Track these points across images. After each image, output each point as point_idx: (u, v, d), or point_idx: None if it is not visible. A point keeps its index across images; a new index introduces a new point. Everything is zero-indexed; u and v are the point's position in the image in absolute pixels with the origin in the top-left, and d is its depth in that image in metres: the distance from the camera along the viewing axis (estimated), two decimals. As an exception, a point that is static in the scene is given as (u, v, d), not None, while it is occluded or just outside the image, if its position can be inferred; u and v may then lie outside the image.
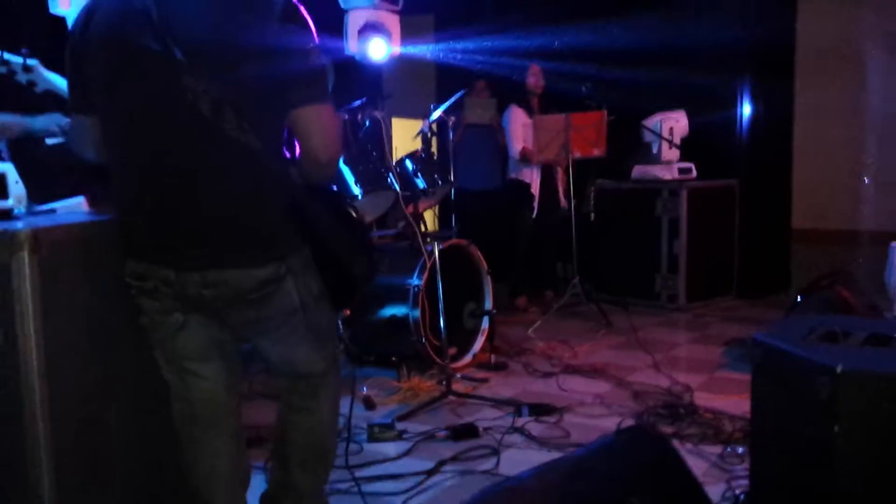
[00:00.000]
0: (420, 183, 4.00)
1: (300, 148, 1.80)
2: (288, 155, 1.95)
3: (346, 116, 3.96)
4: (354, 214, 2.03)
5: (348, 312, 3.83)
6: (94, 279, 1.85)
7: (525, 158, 5.46)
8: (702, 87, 5.61)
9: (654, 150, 5.70)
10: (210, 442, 1.92)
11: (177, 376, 1.89)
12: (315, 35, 1.75)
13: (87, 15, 1.75)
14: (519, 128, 5.47)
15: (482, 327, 4.27)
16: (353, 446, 2.96)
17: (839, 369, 1.59)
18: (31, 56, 2.18)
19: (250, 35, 1.65)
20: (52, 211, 2.17)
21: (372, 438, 3.08)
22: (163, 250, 1.74)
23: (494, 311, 4.26)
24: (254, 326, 1.84)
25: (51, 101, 2.26)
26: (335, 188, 2.91)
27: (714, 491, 2.58)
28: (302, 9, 1.74)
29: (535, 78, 5.55)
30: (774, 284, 5.91)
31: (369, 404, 3.51)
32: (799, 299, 4.14)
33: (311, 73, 1.74)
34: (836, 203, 6.10)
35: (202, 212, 1.71)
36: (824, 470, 1.64)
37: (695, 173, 5.73)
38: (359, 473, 2.70)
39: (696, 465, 2.79)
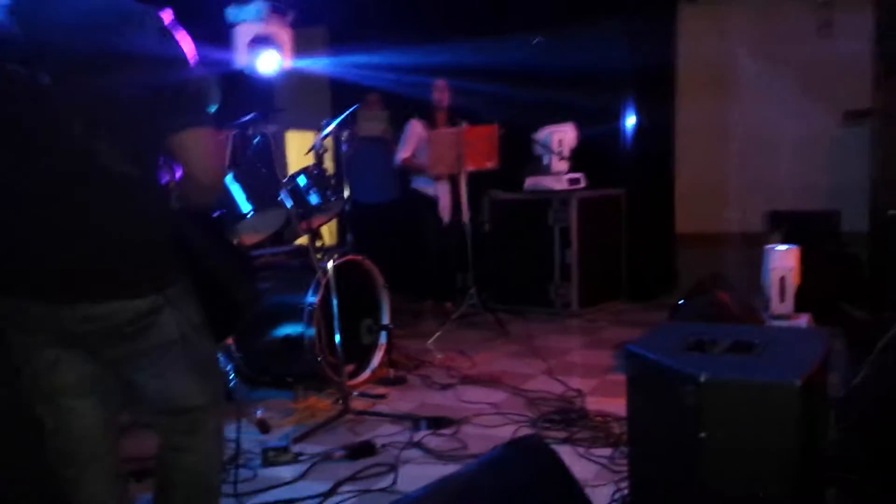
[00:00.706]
0: (313, 198, 3.97)
1: (182, 173, 1.77)
2: (166, 180, 1.91)
3: (235, 132, 3.89)
4: (236, 241, 2.00)
5: (231, 341, 3.74)
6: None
7: (405, 169, 5.57)
8: (589, 102, 5.83)
9: (545, 162, 5.88)
10: (88, 482, 1.84)
11: (50, 413, 1.81)
12: (191, 54, 1.72)
13: None
14: (411, 139, 5.56)
15: (380, 342, 4.26)
16: (245, 472, 2.91)
17: (703, 378, 1.69)
18: None
19: (121, 51, 1.61)
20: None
21: (266, 463, 3.02)
22: (33, 283, 1.67)
23: (392, 325, 4.27)
24: (130, 361, 1.78)
25: None
26: (217, 213, 2.85)
27: (604, 492, 2.68)
28: (174, 29, 1.71)
29: (439, 93, 5.62)
30: (661, 287, 6.18)
31: (264, 427, 3.44)
32: (681, 303, 4.36)
33: (189, 95, 1.71)
34: (717, 208, 6.44)
35: (74, 243, 1.66)
36: (693, 474, 1.73)
37: (584, 183, 5.93)
38: (251, 501, 2.65)
39: (587, 469, 2.90)
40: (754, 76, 6.29)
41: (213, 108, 3.37)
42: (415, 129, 5.58)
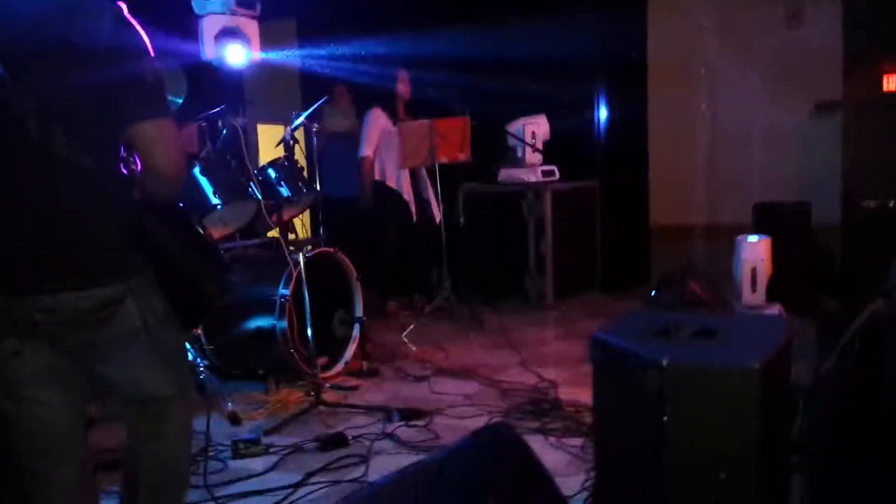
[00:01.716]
0: (283, 191, 3.95)
1: (142, 165, 1.75)
2: (126, 172, 1.89)
3: (203, 124, 3.86)
4: (202, 231, 1.98)
5: (201, 333, 3.71)
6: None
7: (364, 169, 5.42)
8: (561, 93, 5.85)
9: (519, 154, 5.88)
10: (56, 473, 1.80)
11: (14, 405, 1.77)
12: (148, 44, 1.71)
13: None
14: (375, 131, 5.40)
15: (353, 335, 4.24)
16: (216, 464, 2.90)
17: (665, 363, 1.70)
18: None
19: (77, 43, 1.59)
20: None
21: (237, 455, 3.01)
22: None
23: (364, 317, 4.25)
24: (94, 351, 1.76)
25: None
26: (182, 204, 2.80)
27: (575, 481, 2.70)
28: (130, 17, 1.69)
29: (403, 84, 5.56)
30: (635, 279, 6.21)
31: (235, 420, 3.42)
32: (653, 294, 4.39)
33: (147, 86, 1.69)
34: (689, 200, 6.49)
35: (32, 235, 1.64)
36: (656, 458, 1.75)
37: (557, 175, 5.94)
38: (221, 492, 2.64)
39: (559, 458, 2.92)
40: (724, 67, 6.34)
41: (179, 100, 3.35)
42: (378, 119, 5.42)
